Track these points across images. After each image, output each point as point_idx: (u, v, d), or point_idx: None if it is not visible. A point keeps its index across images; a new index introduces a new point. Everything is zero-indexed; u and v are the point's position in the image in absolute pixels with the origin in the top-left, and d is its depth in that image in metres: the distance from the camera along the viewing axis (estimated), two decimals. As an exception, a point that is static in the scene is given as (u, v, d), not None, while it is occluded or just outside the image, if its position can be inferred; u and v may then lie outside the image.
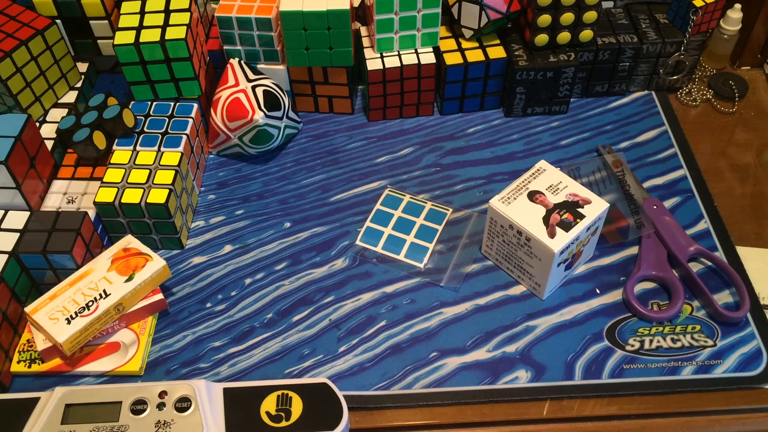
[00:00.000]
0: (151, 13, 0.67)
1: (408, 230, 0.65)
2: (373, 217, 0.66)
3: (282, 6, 0.68)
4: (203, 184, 0.72)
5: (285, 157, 0.74)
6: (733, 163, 0.73)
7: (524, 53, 0.73)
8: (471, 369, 0.57)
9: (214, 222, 0.68)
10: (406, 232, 0.65)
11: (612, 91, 0.79)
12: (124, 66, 0.65)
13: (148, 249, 0.60)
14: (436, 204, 0.68)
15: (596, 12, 0.71)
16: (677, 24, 0.76)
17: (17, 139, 0.60)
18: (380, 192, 0.69)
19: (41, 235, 0.58)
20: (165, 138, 0.66)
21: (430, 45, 0.74)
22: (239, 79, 0.70)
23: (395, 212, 0.66)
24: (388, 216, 0.66)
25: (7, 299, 0.57)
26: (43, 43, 0.68)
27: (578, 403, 0.55)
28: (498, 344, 0.58)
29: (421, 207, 0.67)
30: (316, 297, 0.62)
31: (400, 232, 0.65)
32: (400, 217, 0.66)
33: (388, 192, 0.68)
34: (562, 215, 0.57)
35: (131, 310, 0.58)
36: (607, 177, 0.69)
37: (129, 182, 0.62)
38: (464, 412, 0.55)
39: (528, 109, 0.76)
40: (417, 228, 0.65)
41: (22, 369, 0.57)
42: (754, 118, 0.78)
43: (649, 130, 0.75)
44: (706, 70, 0.82)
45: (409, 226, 0.65)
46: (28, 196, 0.62)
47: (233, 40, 0.71)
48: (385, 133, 0.76)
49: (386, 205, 0.67)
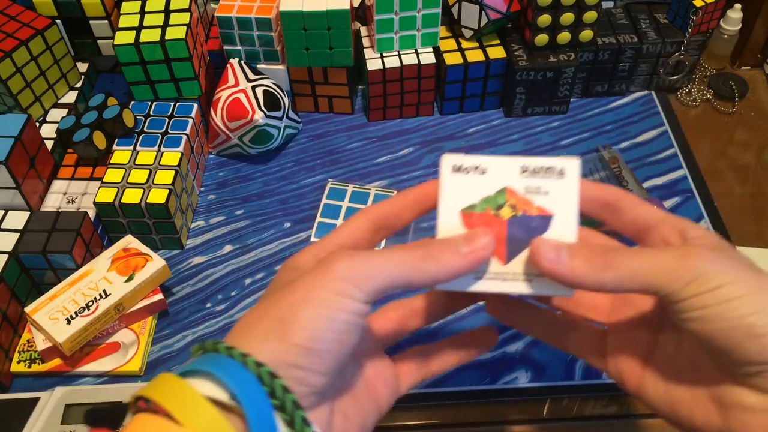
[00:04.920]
0: (151, 13, 0.67)
1: None
2: (321, 212, 0.67)
3: (282, 6, 0.68)
4: (203, 184, 0.72)
5: (285, 157, 0.74)
6: (733, 163, 0.73)
7: (524, 53, 0.73)
8: (471, 369, 0.57)
9: (214, 222, 0.68)
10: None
11: (612, 91, 0.79)
12: (124, 66, 0.65)
13: (148, 249, 0.60)
14: (380, 188, 0.68)
15: (596, 12, 0.71)
16: (677, 24, 0.76)
17: (17, 139, 0.60)
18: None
19: (41, 235, 0.58)
20: (165, 138, 0.66)
21: (430, 45, 0.74)
22: (239, 79, 0.70)
23: (342, 203, 0.67)
24: (336, 208, 0.67)
25: (7, 299, 0.57)
26: (43, 43, 0.68)
27: (578, 403, 0.55)
28: (498, 344, 0.58)
29: (366, 194, 0.67)
30: (316, 297, 0.62)
31: None
32: (349, 207, 0.67)
33: (331, 185, 0.69)
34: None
35: (131, 310, 0.58)
36: (606, 177, 0.69)
37: (129, 182, 0.62)
38: (464, 412, 0.55)
39: (528, 109, 0.76)
40: None
41: (22, 369, 0.57)
42: (754, 118, 0.78)
43: (649, 130, 0.75)
44: (706, 70, 0.82)
45: None
46: (28, 196, 0.62)
47: (233, 40, 0.71)
48: (385, 133, 0.76)
49: (332, 198, 0.68)
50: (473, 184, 0.34)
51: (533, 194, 0.34)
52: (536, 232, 0.33)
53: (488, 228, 0.33)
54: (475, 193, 0.34)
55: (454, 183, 0.34)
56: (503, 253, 0.34)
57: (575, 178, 0.34)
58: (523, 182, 0.34)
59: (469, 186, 0.34)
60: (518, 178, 0.34)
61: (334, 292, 0.30)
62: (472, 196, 0.34)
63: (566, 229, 0.33)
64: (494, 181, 0.34)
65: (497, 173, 0.34)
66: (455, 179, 0.34)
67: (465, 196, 0.34)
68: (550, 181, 0.34)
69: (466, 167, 0.34)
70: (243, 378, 0.28)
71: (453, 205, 0.34)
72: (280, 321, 0.29)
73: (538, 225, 0.34)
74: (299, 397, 0.29)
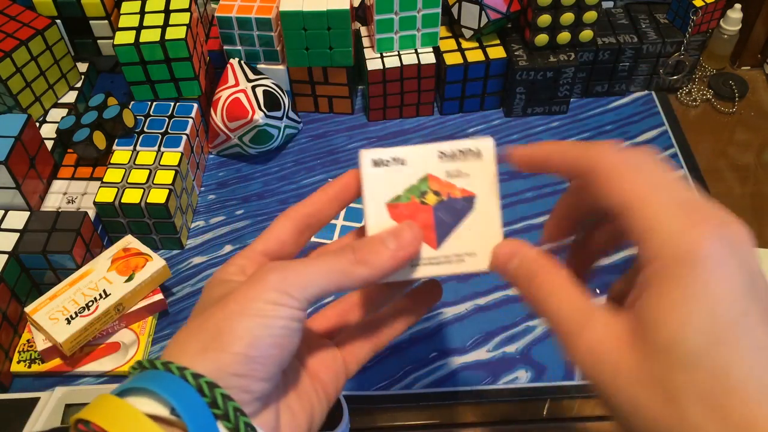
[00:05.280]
0: (151, 13, 0.67)
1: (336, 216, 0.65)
2: (345, 215, 0.66)
3: (282, 6, 0.68)
4: (203, 184, 0.72)
5: (285, 157, 0.74)
6: (733, 163, 0.73)
7: (524, 53, 0.73)
8: (471, 369, 0.57)
9: (214, 222, 0.68)
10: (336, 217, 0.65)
11: (612, 91, 0.79)
12: (124, 66, 0.65)
13: (148, 249, 0.60)
14: None
15: (596, 12, 0.71)
16: (677, 24, 0.76)
17: (17, 139, 0.60)
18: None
19: (41, 235, 0.58)
20: (165, 138, 0.66)
21: (430, 45, 0.74)
22: (239, 79, 0.70)
23: None
24: None
25: (7, 299, 0.57)
26: (43, 43, 0.68)
27: (578, 403, 0.55)
28: (498, 344, 0.58)
29: None
30: (316, 297, 0.62)
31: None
32: (349, 207, 0.66)
33: None
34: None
35: (131, 310, 0.58)
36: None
37: (129, 182, 0.62)
38: (464, 412, 0.55)
39: (528, 109, 0.76)
40: (344, 212, 0.66)
41: (22, 369, 0.57)
42: (754, 118, 0.78)
43: (649, 130, 0.75)
44: (706, 70, 0.82)
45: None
46: (28, 196, 0.62)
47: (233, 40, 0.71)
48: (385, 133, 0.76)
49: None
50: (395, 175, 0.34)
51: (454, 178, 0.35)
52: (462, 213, 0.34)
53: (415, 217, 0.34)
54: (399, 184, 0.34)
55: (376, 177, 0.34)
56: (433, 238, 0.34)
57: (491, 157, 0.35)
58: (443, 167, 0.35)
59: (392, 178, 0.34)
60: (438, 164, 0.34)
61: (269, 302, 0.30)
62: (396, 187, 0.34)
63: (489, 207, 0.34)
64: (415, 169, 0.35)
65: (417, 162, 0.34)
66: (377, 173, 0.34)
67: (389, 188, 0.34)
68: (468, 163, 0.35)
69: (385, 160, 0.34)
70: (182, 391, 0.28)
71: (378, 199, 0.34)
72: (218, 332, 0.29)
73: (463, 206, 0.35)
74: (242, 404, 0.29)
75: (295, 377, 0.35)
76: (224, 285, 0.33)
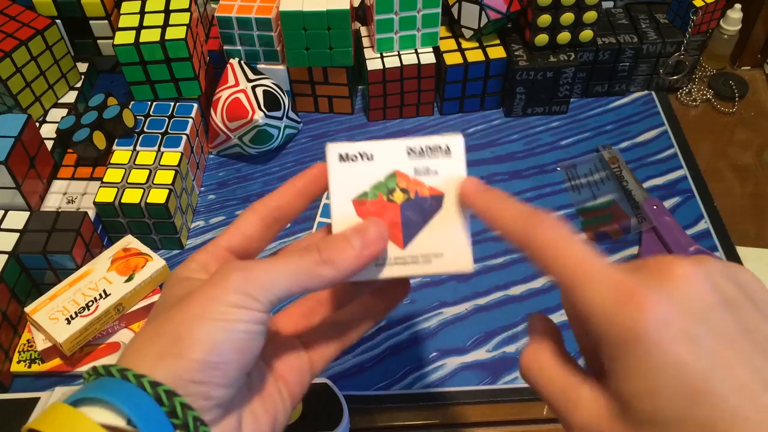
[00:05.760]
0: (151, 13, 0.67)
1: None
2: (321, 212, 0.66)
3: (282, 6, 0.68)
4: (203, 184, 0.72)
5: (285, 157, 0.74)
6: (733, 163, 0.73)
7: (524, 53, 0.73)
8: (471, 369, 0.57)
9: (214, 222, 0.68)
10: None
11: (612, 91, 0.79)
12: (124, 66, 0.65)
13: (148, 249, 0.60)
14: None
15: (596, 12, 0.71)
16: (677, 24, 0.76)
17: (17, 139, 0.60)
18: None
19: (41, 235, 0.58)
20: (165, 138, 0.66)
21: (430, 45, 0.73)
22: (239, 79, 0.70)
23: None
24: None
25: (7, 299, 0.57)
26: (43, 43, 0.68)
27: (578, 403, 0.55)
28: (498, 344, 0.58)
29: None
30: (316, 297, 0.62)
31: None
32: None
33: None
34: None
35: (131, 310, 0.58)
36: (606, 176, 0.69)
37: (129, 182, 0.62)
38: (464, 412, 0.55)
39: (528, 109, 0.76)
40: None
41: (22, 369, 0.57)
42: (754, 118, 0.78)
43: (649, 130, 0.75)
44: (706, 70, 0.82)
45: None
46: (28, 196, 0.62)
47: (233, 40, 0.71)
48: (385, 133, 0.76)
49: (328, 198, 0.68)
50: (362, 171, 0.33)
51: (423, 175, 0.34)
52: (430, 212, 0.33)
53: (382, 215, 0.33)
54: (366, 181, 0.33)
55: (343, 172, 0.33)
56: (399, 237, 0.33)
57: (460, 154, 0.34)
58: (412, 164, 0.34)
59: (359, 174, 0.33)
60: (406, 161, 0.34)
61: (230, 305, 0.29)
62: (363, 183, 0.33)
63: (458, 207, 0.33)
64: (383, 166, 0.34)
65: (385, 158, 0.34)
66: (343, 168, 0.33)
67: (356, 184, 0.33)
68: (437, 161, 0.34)
69: (352, 155, 0.33)
70: (139, 400, 0.27)
71: (345, 195, 0.33)
72: (176, 338, 0.28)
73: (431, 205, 0.33)
74: (202, 411, 0.28)
75: (259, 379, 0.34)
76: (185, 283, 0.32)
